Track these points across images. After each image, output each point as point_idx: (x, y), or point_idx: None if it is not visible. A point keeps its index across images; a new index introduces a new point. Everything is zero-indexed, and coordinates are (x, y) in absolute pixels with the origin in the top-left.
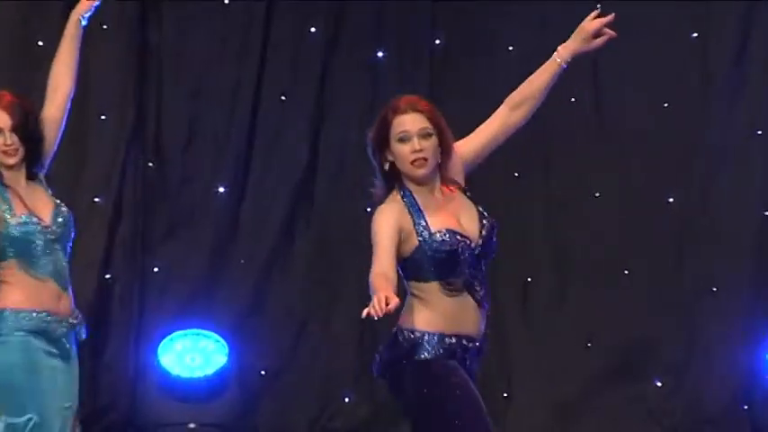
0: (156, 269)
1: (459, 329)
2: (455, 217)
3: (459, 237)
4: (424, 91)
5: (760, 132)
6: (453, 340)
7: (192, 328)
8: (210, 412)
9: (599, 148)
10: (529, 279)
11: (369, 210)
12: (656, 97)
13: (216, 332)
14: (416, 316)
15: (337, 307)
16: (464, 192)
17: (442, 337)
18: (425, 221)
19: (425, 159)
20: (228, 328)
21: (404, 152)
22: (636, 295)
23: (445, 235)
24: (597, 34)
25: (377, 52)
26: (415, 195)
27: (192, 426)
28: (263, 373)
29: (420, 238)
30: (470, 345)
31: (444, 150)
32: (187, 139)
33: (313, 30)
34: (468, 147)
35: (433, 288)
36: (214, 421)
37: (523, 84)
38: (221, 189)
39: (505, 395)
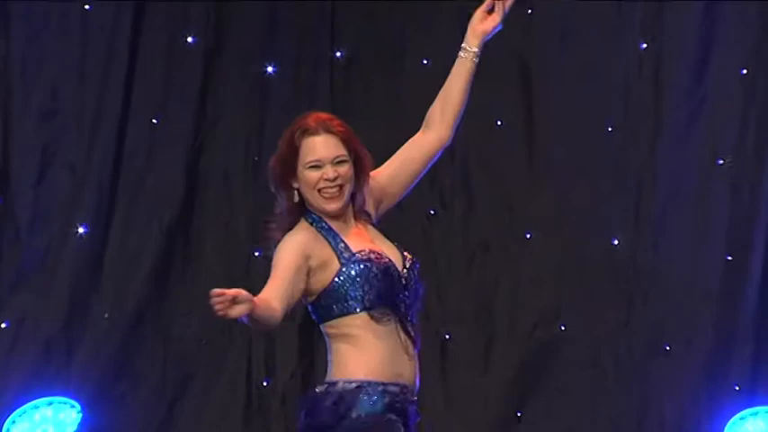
0: (2, 325)
1: (400, 377)
2: (376, 243)
3: (387, 258)
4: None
5: (721, 162)
6: (396, 389)
7: (46, 396)
8: None
9: (530, 181)
10: (447, 336)
11: (257, 255)
12: (599, 120)
13: (75, 400)
14: (347, 363)
15: (221, 371)
16: (376, 227)
17: (382, 385)
18: (344, 243)
19: (339, 188)
20: (90, 396)
21: (313, 180)
22: (575, 356)
23: (370, 253)
24: (492, 10)
25: (267, 65)
26: (328, 221)
27: None
28: None
29: (342, 260)
30: (410, 396)
31: (360, 179)
32: (39, 170)
33: (190, 39)
34: (380, 177)
35: (363, 322)
36: None
37: (437, 97)
38: (81, 230)
39: None
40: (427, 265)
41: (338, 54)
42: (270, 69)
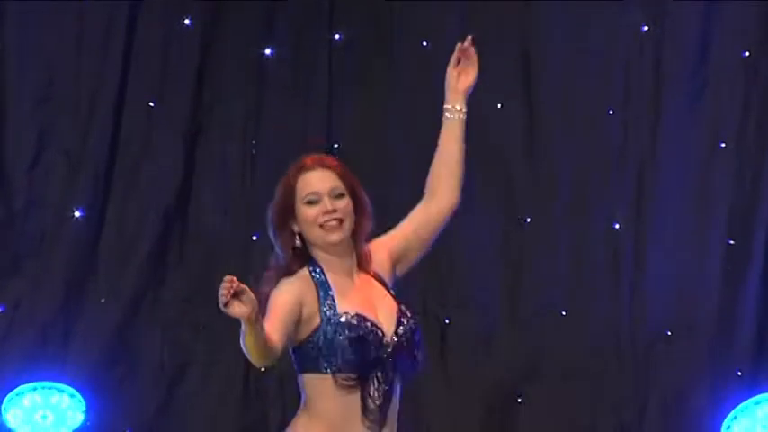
0: None
1: None
2: (370, 303)
3: (369, 323)
4: (322, 97)
5: (724, 145)
6: None
7: (42, 380)
8: None
9: (530, 164)
10: (447, 321)
11: (255, 239)
12: (600, 102)
13: (71, 385)
14: (295, 428)
15: (218, 356)
16: (384, 284)
17: None
18: (333, 300)
19: (340, 221)
20: (86, 380)
21: (312, 215)
22: (574, 341)
23: (353, 318)
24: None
25: (265, 48)
26: (326, 272)
27: None
28: None
29: (323, 319)
30: None
31: (359, 214)
32: (35, 154)
33: (187, 22)
34: (392, 242)
35: (324, 385)
36: None
37: (435, 161)
38: (77, 214)
39: None
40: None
41: (337, 37)
42: (268, 52)
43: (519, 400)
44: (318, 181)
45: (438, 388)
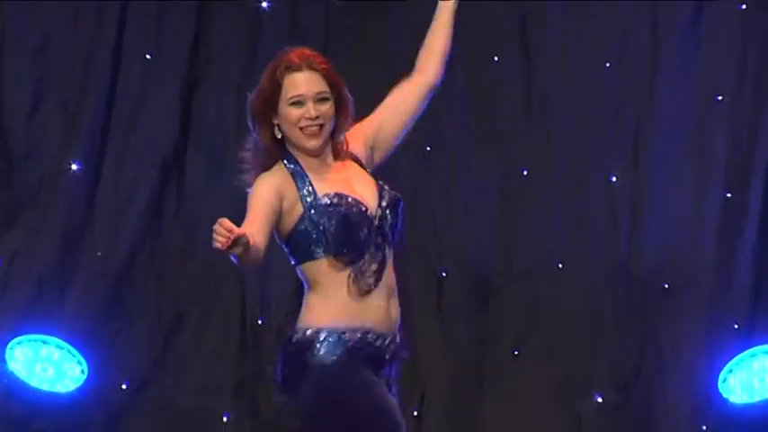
0: None
1: (363, 322)
2: (347, 182)
3: (350, 199)
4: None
5: (720, 98)
6: (357, 336)
7: (37, 333)
8: None
9: (527, 117)
10: (444, 274)
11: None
12: (597, 56)
13: (67, 339)
14: (309, 311)
15: (213, 309)
16: (360, 164)
17: (340, 333)
18: (311, 186)
19: (320, 127)
20: (83, 334)
21: (295, 117)
22: (571, 293)
23: (333, 197)
24: None
25: (261, 2)
26: (302, 162)
27: None
28: (124, 387)
29: (304, 205)
30: (381, 342)
31: (340, 118)
32: (32, 106)
33: None
34: (371, 125)
35: (324, 268)
36: None
37: (424, 42)
38: (74, 167)
39: (416, 413)
40: (424, 203)
41: None
42: (264, 5)
43: (515, 353)
44: (305, 83)
45: (434, 341)
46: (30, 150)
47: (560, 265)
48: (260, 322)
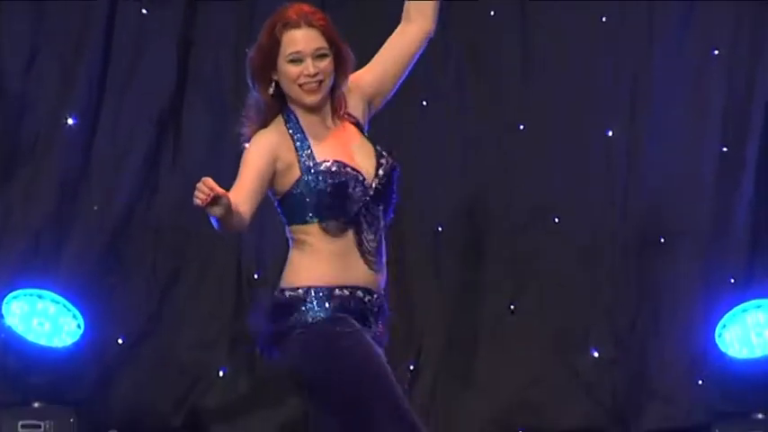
0: None
1: (352, 279)
2: (347, 149)
3: (349, 169)
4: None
5: (717, 52)
6: (346, 292)
7: (33, 287)
8: (57, 387)
9: (523, 72)
10: (440, 228)
11: (247, 146)
12: (593, 11)
13: (63, 294)
14: (297, 269)
15: (210, 262)
16: (360, 128)
17: (330, 289)
18: (311, 150)
19: (319, 84)
20: (79, 287)
21: (293, 74)
22: (567, 246)
23: (332, 165)
24: None
25: None
26: (302, 121)
27: (36, 405)
28: (120, 341)
29: (302, 169)
30: (368, 298)
31: (339, 74)
32: (29, 59)
33: None
34: (367, 76)
35: (316, 231)
36: (61, 398)
37: None
38: (70, 120)
39: (412, 368)
40: (420, 158)
41: None
42: None
43: (512, 306)
44: (303, 40)
45: (431, 295)
46: (26, 104)
47: (556, 220)
48: (256, 277)
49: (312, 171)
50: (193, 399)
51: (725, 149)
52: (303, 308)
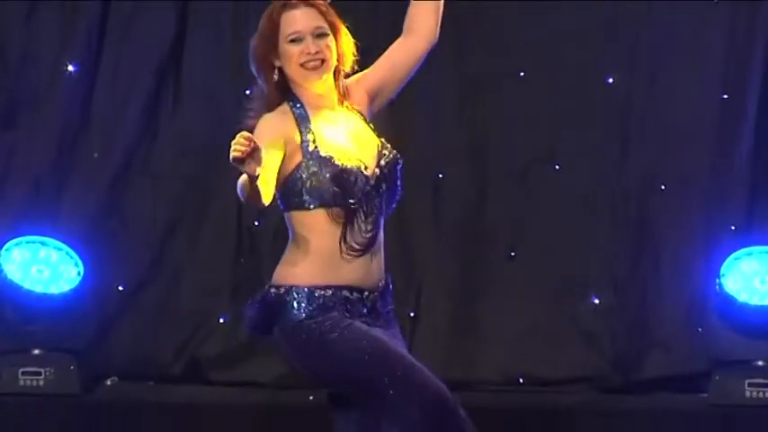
0: None
1: (336, 279)
2: (350, 137)
3: (351, 157)
4: None
5: (716, 0)
6: (328, 292)
7: (33, 234)
8: (57, 334)
9: (523, 18)
10: (440, 175)
11: (248, 93)
12: None
13: (64, 240)
14: (285, 266)
15: (210, 210)
16: (364, 119)
17: (310, 290)
18: (314, 135)
19: (321, 62)
20: (79, 235)
21: (295, 54)
22: (568, 194)
23: (334, 152)
24: None
25: None
26: (307, 108)
27: (36, 352)
28: (120, 288)
29: (305, 154)
30: (356, 296)
31: (341, 53)
32: (29, 7)
33: None
34: (370, 76)
35: (311, 219)
36: (61, 346)
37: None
38: (70, 68)
39: (412, 314)
40: (420, 103)
41: None
42: None
43: (512, 254)
44: (302, 19)
45: (431, 244)
46: (26, 52)
47: (557, 167)
48: (256, 224)
49: (314, 157)
50: (194, 346)
51: (725, 96)
52: (285, 308)
